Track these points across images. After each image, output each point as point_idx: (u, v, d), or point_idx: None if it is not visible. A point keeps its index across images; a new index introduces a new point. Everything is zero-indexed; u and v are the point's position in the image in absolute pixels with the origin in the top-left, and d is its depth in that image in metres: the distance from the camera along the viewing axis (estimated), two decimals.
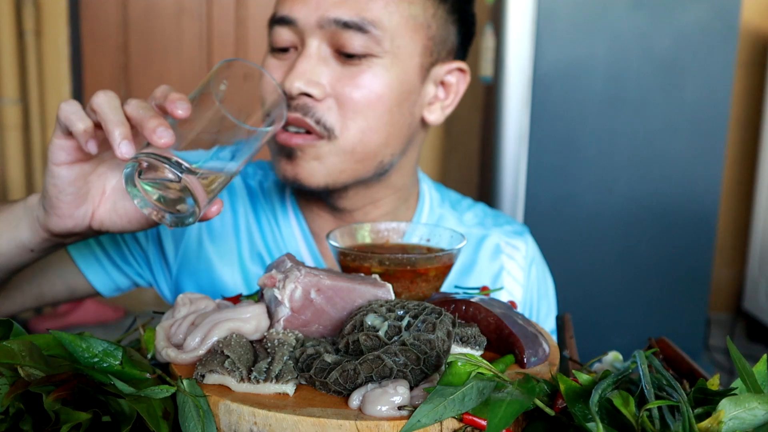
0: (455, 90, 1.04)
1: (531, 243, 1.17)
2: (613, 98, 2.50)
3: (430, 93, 1.02)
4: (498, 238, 1.14)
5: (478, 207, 1.19)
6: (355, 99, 0.92)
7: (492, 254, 1.13)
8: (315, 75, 0.92)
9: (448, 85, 1.03)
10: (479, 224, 1.15)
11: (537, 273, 1.15)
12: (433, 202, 1.14)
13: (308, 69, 0.92)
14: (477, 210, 1.18)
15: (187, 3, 3.33)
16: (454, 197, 1.19)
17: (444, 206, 1.15)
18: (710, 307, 3.55)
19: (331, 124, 0.93)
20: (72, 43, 3.23)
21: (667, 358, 0.78)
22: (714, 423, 0.54)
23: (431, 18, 0.97)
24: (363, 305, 0.68)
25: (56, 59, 3.21)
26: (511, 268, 1.12)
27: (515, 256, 1.13)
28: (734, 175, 3.59)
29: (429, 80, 1.00)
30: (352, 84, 0.92)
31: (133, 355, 0.64)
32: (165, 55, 3.34)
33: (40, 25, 3.16)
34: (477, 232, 1.13)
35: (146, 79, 3.32)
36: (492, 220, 1.17)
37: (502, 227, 1.16)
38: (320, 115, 0.93)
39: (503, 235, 1.14)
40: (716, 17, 2.48)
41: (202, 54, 3.36)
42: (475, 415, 0.57)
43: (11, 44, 3.08)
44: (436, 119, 1.03)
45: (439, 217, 1.13)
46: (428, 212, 1.12)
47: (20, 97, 3.17)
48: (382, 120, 0.95)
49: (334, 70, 0.93)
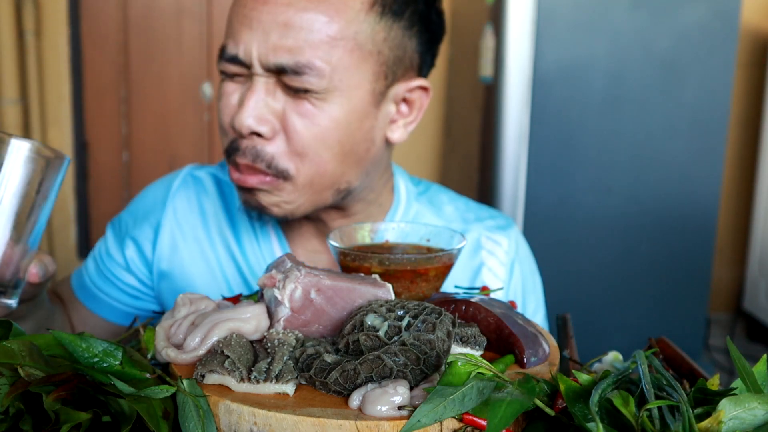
0: (418, 106, 1.02)
1: (515, 237, 1.14)
2: (613, 98, 2.50)
3: (391, 112, 0.99)
4: (478, 233, 1.11)
5: (459, 201, 1.16)
6: (304, 135, 0.92)
7: (471, 251, 1.10)
8: (264, 112, 0.92)
9: (411, 101, 1.01)
10: (459, 219, 1.13)
11: (522, 269, 1.13)
12: (409, 198, 1.12)
13: (256, 106, 0.91)
14: (458, 204, 1.15)
15: (187, 3, 3.33)
16: (434, 190, 1.16)
17: (421, 200, 1.13)
18: (710, 307, 3.55)
19: (284, 166, 0.93)
20: (72, 43, 3.23)
21: (667, 358, 0.78)
22: (714, 423, 0.54)
23: (382, 43, 0.94)
24: (363, 305, 0.68)
25: (56, 59, 3.21)
26: (492, 265, 1.10)
27: (496, 252, 1.11)
28: (734, 175, 3.59)
29: (387, 101, 0.98)
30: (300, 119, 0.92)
31: (133, 355, 0.64)
32: (165, 55, 3.34)
33: (40, 25, 3.16)
34: (456, 227, 1.10)
35: (146, 79, 3.32)
36: (473, 214, 1.14)
37: (484, 222, 1.13)
38: (270, 158, 0.93)
39: (484, 230, 1.12)
40: (716, 17, 2.48)
41: (202, 54, 3.36)
42: (475, 415, 0.57)
43: (11, 44, 3.08)
44: (400, 137, 1.01)
45: (416, 212, 1.11)
46: (404, 209, 1.10)
47: (20, 97, 3.17)
48: (333, 152, 0.94)
49: (281, 103, 0.92)
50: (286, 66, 0.90)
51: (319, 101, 0.92)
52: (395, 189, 1.12)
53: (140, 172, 3.36)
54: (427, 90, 1.02)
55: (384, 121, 0.99)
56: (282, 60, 0.89)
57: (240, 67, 0.93)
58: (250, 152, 0.93)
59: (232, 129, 0.94)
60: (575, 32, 2.44)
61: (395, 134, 1.01)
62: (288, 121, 0.92)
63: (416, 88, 1.00)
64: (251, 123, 0.91)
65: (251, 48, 0.90)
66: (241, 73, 0.94)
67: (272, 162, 0.93)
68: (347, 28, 0.91)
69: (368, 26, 0.93)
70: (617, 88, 2.49)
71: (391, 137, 1.01)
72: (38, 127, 3.23)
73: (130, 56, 3.35)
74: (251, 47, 0.90)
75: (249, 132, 0.92)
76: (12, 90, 3.14)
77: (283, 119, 0.92)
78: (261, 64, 0.91)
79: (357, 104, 0.94)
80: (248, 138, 0.93)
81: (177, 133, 3.43)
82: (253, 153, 0.93)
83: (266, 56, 0.90)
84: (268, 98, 0.92)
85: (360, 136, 0.96)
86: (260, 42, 0.90)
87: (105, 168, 3.44)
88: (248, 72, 0.93)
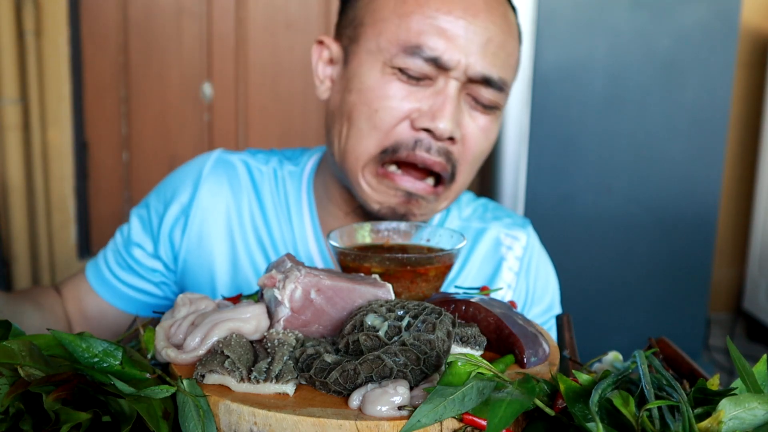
0: None
1: (533, 235, 1.17)
2: (613, 98, 2.50)
3: None
4: (497, 231, 1.15)
5: (479, 201, 1.20)
6: (477, 148, 0.98)
7: (491, 248, 1.13)
8: (458, 119, 0.95)
9: None
10: (479, 218, 1.16)
11: (537, 262, 1.16)
12: None
13: (455, 111, 0.95)
14: (477, 204, 1.19)
15: (187, 3, 3.33)
16: None
17: None
18: (710, 307, 3.55)
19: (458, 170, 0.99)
20: (72, 43, 3.23)
21: (667, 358, 0.78)
22: (714, 423, 0.54)
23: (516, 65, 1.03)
24: (363, 305, 0.68)
25: (56, 59, 3.21)
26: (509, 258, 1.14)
27: (514, 246, 1.14)
28: (734, 175, 3.59)
29: None
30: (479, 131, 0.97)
31: (133, 355, 0.64)
32: (165, 55, 3.34)
33: (40, 25, 3.16)
34: (476, 225, 1.14)
35: (146, 79, 3.32)
36: (492, 213, 1.18)
37: (502, 220, 1.17)
38: (455, 161, 0.97)
39: (503, 227, 1.15)
40: (716, 17, 2.48)
41: (202, 54, 3.36)
42: (475, 415, 0.56)
43: (11, 44, 3.09)
44: None
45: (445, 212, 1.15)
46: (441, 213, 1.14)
47: (20, 97, 3.17)
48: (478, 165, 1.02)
49: (466, 115, 0.97)
50: (492, 79, 0.94)
51: (495, 118, 0.99)
52: None
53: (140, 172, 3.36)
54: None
55: None
56: (491, 72, 0.94)
57: (434, 69, 0.94)
58: (444, 153, 0.96)
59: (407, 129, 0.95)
60: (575, 32, 2.44)
61: None
62: (467, 131, 0.97)
63: None
64: (453, 128, 0.94)
65: (460, 54, 0.93)
66: (429, 75, 0.94)
67: (455, 164, 0.98)
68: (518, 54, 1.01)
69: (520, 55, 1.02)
70: (617, 88, 2.49)
71: None
72: (38, 127, 3.23)
73: (130, 56, 3.35)
74: (460, 53, 0.93)
75: (449, 136, 0.94)
76: (12, 90, 3.14)
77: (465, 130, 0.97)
78: (466, 71, 0.94)
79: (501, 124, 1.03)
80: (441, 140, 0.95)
81: (177, 133, 3.43)
82: (446, 154, 0.96)
83: (474, 65, 0.93)
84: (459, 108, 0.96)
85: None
86: (471, 50, 0.93)
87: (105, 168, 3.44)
88: (440, 75, 0.94)
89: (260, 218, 1.09)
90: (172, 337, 0.69)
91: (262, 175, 1.11)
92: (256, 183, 1.11)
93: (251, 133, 3.48)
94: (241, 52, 3.41)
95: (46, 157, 3.30)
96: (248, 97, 3.46)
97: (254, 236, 1.08)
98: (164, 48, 3.36)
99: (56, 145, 3.31)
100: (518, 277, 1.13)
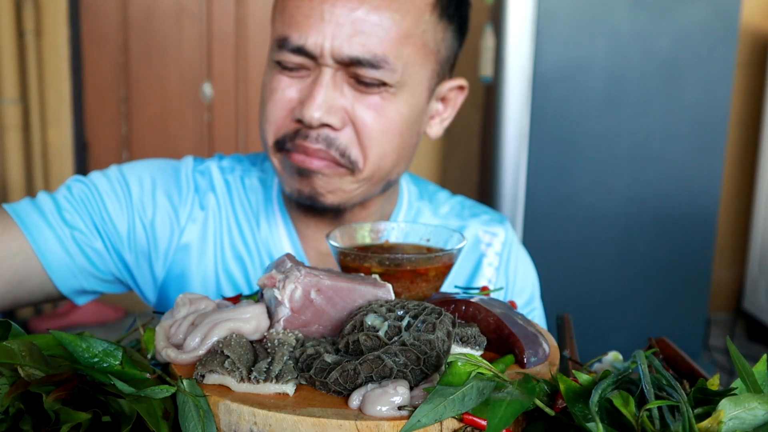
0: (453, 104, 1.07)
1: (510, 230, 1.18)
2: (613, 98, 2.50)
3: (432, 109, 1.05)
4: (476, 228, 1.15)
5: (456, 199, 1.20)
6: (372, 127, 0.95)
7: (471, 245, 1.14)
8: (333, 104, 0.94)
9: (447, 99, 1.06)
10: (456, 216, 1.16)
11: (516, 257, 1.16)
12: (411, 197, 1.15)
13: (326, 98, 0.93)
14: (454, 202, 1.19)
15: (187, 3, 3.33)
16: (431, 189, 1.20)
17: (422, 200, 1.16)
18: (710, 307, 3.56)
19: (355, 157, 0.96)
20: (72, 43, 3.23)
21: (667, 358, 0.78)
22: (714, 423, 0.54)
23: (441, 42, 0.99)
24: (363, 305, 0.68)
25: (56, 59, 3.21)
26: (489, 254, 1.14)
27: (493, 242, 1.15)
28: (734, 175, 3.59)
29: (434, 98, 1.03)
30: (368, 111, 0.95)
31: (133, 355, 0.64)
32: (165, 55, 3.34)
33: (40, 25, 3.17)
34: (454, 223, 1.15)
35: (146, 79, 3.32)
36: (469, 211, 1.18)
37: (480, 217, 1.17)
38: (344, 147, 0.95)
39: (481, 224, 1.16)
40: (716, 17, 2.48)
41: (202, 54, 3.36)
42: (475, 415, 0.56)
43: (11, 44, 3.09)
44: (436, 133, 1.07)
45: (417, 210, 1.14)
46: (406, 207, 1.14)
47: (20, 97, 3.17)
48: (394, 145, 0.98)
49: (349, 97, 0.95)
50: (362, 59, 0.92)
51: (389, 95, 0.95)
52: (399, 187, 1.15)
53: None
54: (463, 89, 1.07)
55: (426, 117, 1.04)
56: (357, 53, 0.92)
57: (305, 59, 0.94)
58: (324, 139, 0.95)
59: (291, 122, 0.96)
60: (575, 32, 2.44)
61: (433, 129, 1.06)
62: (356, 114, 0.95)
63: (456, 87, 1.06)
64: (321, 115, 0.93)
65: (323, 40, 0.92)
66: (304, 64, 0.95)
67: (346, 151, 0.95)
68: (416, 26, 0.95)
69: (432, 26, 0.97)
70: (617, 88, 2.49)
71: (430, 132, 1.06)
72: (38, 127, 3.23)
73: (130, 56, 3.35)
74: (322, 39, 0.92)
75: (319, 124, 0.93)
76: (12, 90, 3.14)
77: (351, 112, 0.95)
78: (333, 56, 0.92)
79: (418, 100, 0.98)
80: (317, 128, 0.94)
81: (177, 133, 3.43)
82: (326, 141, 0.95)
83: (340, 48, 0.91)
84: (336, 91, 0.94)
85: (415, 130, 1.01)
86: (334, 34, 0.91)
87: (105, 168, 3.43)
88: (313, 64, 0.94)
89: (235, 227, 1.09)
90: (172, 337, 0.69)
91: (230, 185, 1.11)
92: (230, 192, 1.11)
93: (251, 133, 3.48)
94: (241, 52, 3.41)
95: (46, 157, 3.30)
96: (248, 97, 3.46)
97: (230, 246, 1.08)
98: (164, 48, 3.36)
99: (56, 145, 3.31)
100: (498, 272, 1.14)
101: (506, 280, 1.14)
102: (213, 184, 1.10)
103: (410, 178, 1.19)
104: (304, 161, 0.96)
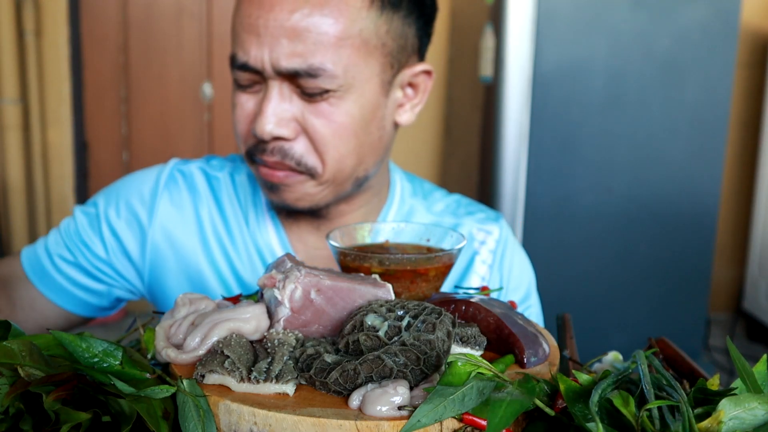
0: (423, 88, 1.06)
1: (506, 227, 1.18)
2: (613, 98, 2.50)
3: (398, 97, 1.04)
4: (470, 226, 1.15)
5: (451, 197, 1.20)
6: (324, 133, 0.96)
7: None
8: (283, 116, 0.95)
9: (416, 84, 1.05)
10: (451, 213, 1.16)
11: (511, 253, 1.16)
12: (404, 194, 1.15)
13: (275, 111, 0.95)
14: (449, 200, 1.19)
15: (187, 3, 3.33)
16: (427, 188, 1.20)
17: (416, 197, 1.16)
18: (710, 307, 3.56)
19: (312, 163, 0.97)
20: (72, 43, 3.24)
21: (667, 358, 0.78)
22: (714, 423, 0.54)
23: (385, 35, 0.98)
24: (363, 305, 0.68)
25: (56, 59, 3.21)
26: (482, 252, 1.14)
27: (487, 240, 1.15)
28: (734, 175, 3.59)
29: (394, 88, 1.02)
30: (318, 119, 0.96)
31: (133, 355, 0.64)
32: (165, 55, 3.35)
33: (40, 25, 3.17)
34: (449, 221, 1.15)
35: (146, 79, 3.32)
36: (465, 209, 1.18)
37: (474, 215, 1.17)
38: (299, 156, 0.97)
39: (475, 222, 1.16)
40: (716, 17, 2.49)
41: (202, 54, 3.37)
42: (475, 415, 0.56)
43: (11, 44, 3.09)
44: (408, 119, 1.06)
45: (410, 208, 1.14)
46: (398, 204, 1.14)
47: (20, 97, 3.17)
48: (351, 146, 0.98)
49: (299, 106, 0.96)
50: (300, 70, 0.93)
51: (335, 99, 0.95)
52: (391, 184, 1.15)
53: None
54: (429, 73, 1.06)
55: (392, 107, 1.03)
56: (294, 65, 0.92)
57: (252, 74, 0.96)
58: (278, 151, 0.97)
59: (252, 136, 0.98)
60: (575, 32, 2.44)
61: (403, 117, 1.06)
62: (307, 122, 0.96)
63: (420, 72, 1.05)
64: (272, 129, 0.94)
65: (261, 55, 0.93)
66: (255, 80, 0.96)
67: (301, 160, 0.97)
68: (351, 27, 0.94)
69: (370, 22, 0.96)
70: (617, 88, 2.49)
71: (400, 120, 1.05)
72: (38, 127, 3.23)
73: (130, 56, 3.35)
74: (261, 54, 0.93)
75: (271, 137, 0.95)
76: (12, 90, 3.14)
77: (302, 121, 0.96)
78: (273, 69, 0.93)
79: (369, 97, 0.98)
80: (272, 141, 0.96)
81: (177, 133, 3.43)
82: (281, 152, 0.97)
83: (278, 62, 0.92)
84: (285, 103, 0.95)
85: (374, 125, 1.00)
86: (270, 48, 0.92)
87: (105, 168, 3.44)
88: (261, 78, 0.96)
89: (222, 226, 1.10)
90: (172, 337, 0.69)
91: (219, 182, 1.12)
92: (215, 190, 1.12)
93: None
94: None
95: (46, 157, 3.30)
96: None
97: (217, 245, 1.08)
98: (164, 48, 3.36)
99: (56, 145, 3.31)
100: (491, 269, 1.14)
101: (500, 278, 1.14)
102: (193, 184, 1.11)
103: (405, 175, 1.19)
104: (268, 174, 0.99)
